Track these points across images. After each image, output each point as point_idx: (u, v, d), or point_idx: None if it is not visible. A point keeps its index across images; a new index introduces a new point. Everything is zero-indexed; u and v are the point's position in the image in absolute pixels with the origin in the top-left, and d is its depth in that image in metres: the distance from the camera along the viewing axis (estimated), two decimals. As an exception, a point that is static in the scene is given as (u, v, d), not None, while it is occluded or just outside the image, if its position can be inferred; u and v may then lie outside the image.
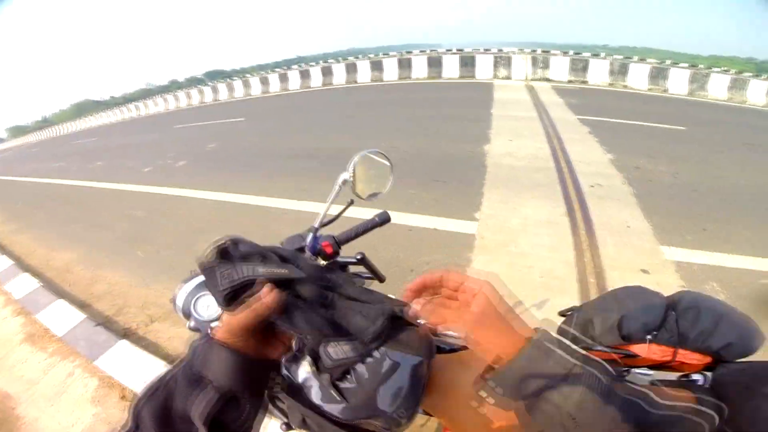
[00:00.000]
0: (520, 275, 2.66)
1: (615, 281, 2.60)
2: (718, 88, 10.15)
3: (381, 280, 1.07)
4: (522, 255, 2.91)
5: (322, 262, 0.98)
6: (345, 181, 0.92)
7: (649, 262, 2.81)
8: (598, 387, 0.38)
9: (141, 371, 2.16)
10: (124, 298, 3.00)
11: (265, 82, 15.45)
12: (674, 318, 0.84)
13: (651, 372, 0.91)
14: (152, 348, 2.40)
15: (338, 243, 0.97)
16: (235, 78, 17.17)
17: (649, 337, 0.84)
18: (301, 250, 0.92)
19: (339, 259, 1.00)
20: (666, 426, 0.38)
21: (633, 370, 0.93)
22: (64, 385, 2.22)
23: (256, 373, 0.46)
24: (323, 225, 0.96)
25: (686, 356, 0.84)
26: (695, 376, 0.81)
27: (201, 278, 0.88)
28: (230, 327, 0.43)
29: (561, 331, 1.02)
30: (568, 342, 0.40)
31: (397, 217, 3.51)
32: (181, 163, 6.77)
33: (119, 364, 2.25)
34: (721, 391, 0.70)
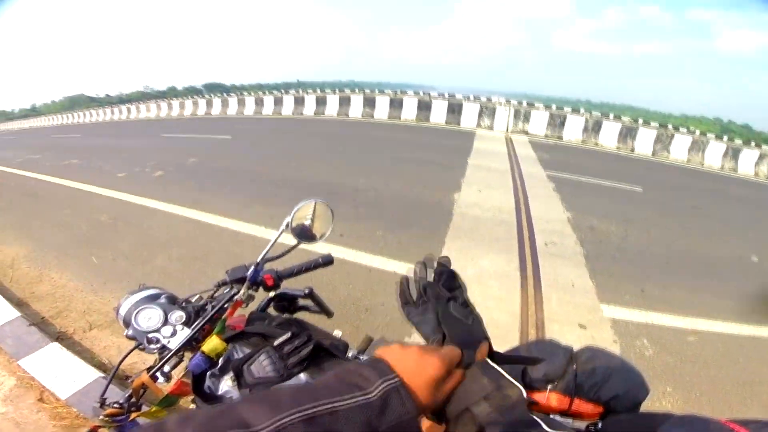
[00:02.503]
0: (465, 323, 2.77)
1: (554, 333, 2.72)
2: (679, 149, 10.82)
3: (329, 314, 1.12)
4: (473, 304, 3.04)
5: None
6: (288, 225, 0.99)
7: (588, 318, 2.96)
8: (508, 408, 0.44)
9: (68, 376, 2.08)
10: (67, 301, 2.91)
11: (259, 102, 15.72)
12: (573, 370, 0.90)
13: (568, 419, 0.96)
14: (85, 354, 2.34)
15: (280, 277, 1.03)
16: (231, 94, 17.44)
17: (549, 386, 0.90)
18: (243, 279, 0.96)
19: (287, 291, 1.06)
20: None
21: (552, 417, 0.97)
22: (-26, 379, 2.10)
23: None
24: (267, 260, 1.01)
25: (581, 405, 0.89)
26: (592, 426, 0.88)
27: (149, 292, 0.94)
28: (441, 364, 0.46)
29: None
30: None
31: (359, 256, 3.63)
32: (158, 174, 6.73)
33: (45, 367, 2.16)
34: None
